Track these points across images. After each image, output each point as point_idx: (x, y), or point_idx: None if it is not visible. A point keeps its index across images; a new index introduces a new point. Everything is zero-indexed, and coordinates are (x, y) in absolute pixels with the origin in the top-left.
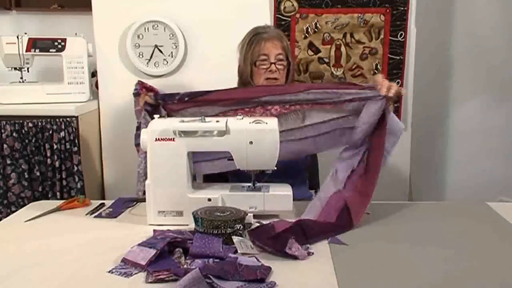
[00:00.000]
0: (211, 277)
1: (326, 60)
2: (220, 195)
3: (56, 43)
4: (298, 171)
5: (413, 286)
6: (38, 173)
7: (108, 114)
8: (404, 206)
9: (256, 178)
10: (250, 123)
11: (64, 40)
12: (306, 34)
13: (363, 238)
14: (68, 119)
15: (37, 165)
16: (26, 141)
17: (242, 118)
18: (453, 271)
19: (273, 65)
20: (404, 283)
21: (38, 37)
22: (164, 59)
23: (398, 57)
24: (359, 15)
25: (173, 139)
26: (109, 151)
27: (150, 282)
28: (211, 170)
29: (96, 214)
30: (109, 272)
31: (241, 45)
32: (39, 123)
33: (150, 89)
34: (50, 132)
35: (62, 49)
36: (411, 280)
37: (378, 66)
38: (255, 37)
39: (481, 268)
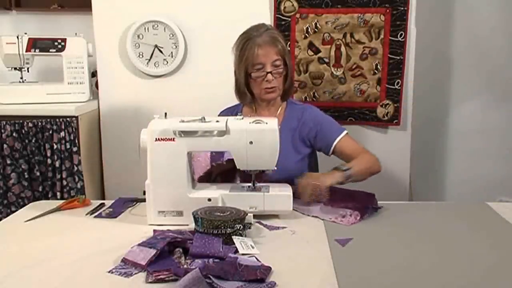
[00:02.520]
0: (211, 277)
1: (326, 60)
2: (220, 195)
3: (56, 43)
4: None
5: (413, 286)
6: (38, 173)
7: (108, 114)
8: (404, 206)
9: (256, 178)
10: (250, 123)
11: (64, 40)
12: (306, 34)
13: (363, 238)
14: (68, 119)
15: (37, 165)
16: (26, 141)
17: (242, 118)
18: (453, 271)
19: (269, 74)
20: (404, 283)
21: (38, 37)
22: (164, 59)
23: (398, 57)
24: (359, 15)
25: (173, 139)
26: (109, 151)
27: (150, 282)
28: None
29: (96, 214)
30: (109, 272)
31: (235, 49)
32: (39, 123)
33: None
34: (50, 132)
35: (62, 49)
36: (411, 280)
37: (378, 66)
38: (247, 43)
39: (481, 268)
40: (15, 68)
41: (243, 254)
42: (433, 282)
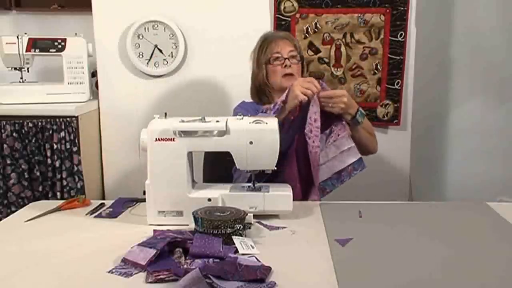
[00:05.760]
0: (211, 277)
1: (326, 60)
2: (220, 195)
3: (56, 43)
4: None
5: (413, 286)
6: (38, 173)
7: (108, 114)
8: (404, 206)
9: (256, 179)
10: (250, 123)
11: (64, 40)
12: (306, 34)
13: (363, 238)
14: (68, 119)
15: (37, 165)
16: (26, 141)
17: (242, 118)
18: (453, 271)
19: (287, 60)
20: (404, 283)
21: (38, 37)
22: (164, 59)
23: (398, 57)
24: (359, 15)
25: (173, 139)
26: (109, 151)
27: (150, 282)
28: None
29: (96, 214)
30: (109, 272)
31: (253, 52)
32: (39, 123)
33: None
34: (50, 132)
35: (62, 49)
36: (411, 280)
37: (378, 66)
38: (265, 41)
39: (480, 268)
40: (15, 68)
41: (243, 254)
42: (432, 282)
